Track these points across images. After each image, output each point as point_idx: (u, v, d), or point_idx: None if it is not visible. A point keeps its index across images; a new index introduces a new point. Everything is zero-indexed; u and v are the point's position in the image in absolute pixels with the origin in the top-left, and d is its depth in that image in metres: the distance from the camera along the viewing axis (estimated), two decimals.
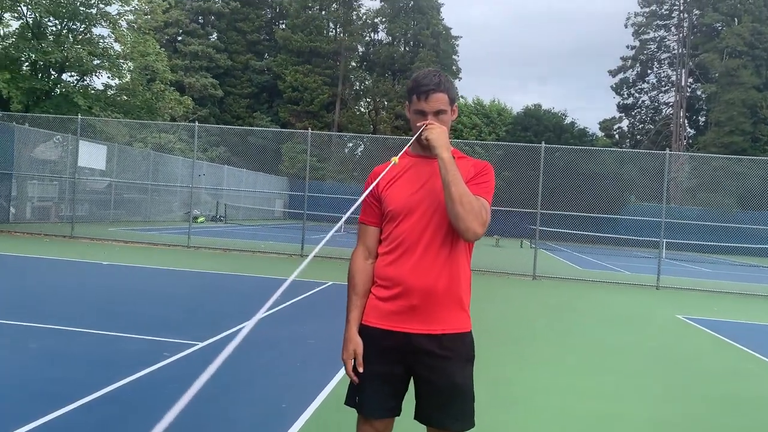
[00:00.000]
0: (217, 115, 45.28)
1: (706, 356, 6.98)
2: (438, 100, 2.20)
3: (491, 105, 44.85)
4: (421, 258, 2.15)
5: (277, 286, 1.43)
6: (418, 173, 2.25)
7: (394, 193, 2.22)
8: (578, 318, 9.11)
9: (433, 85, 2.19)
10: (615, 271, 18.14)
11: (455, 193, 2.04)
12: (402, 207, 2.20)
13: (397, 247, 2.19)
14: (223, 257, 13.87)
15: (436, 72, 2.26)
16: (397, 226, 2.20)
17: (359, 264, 2.28)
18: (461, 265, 2.21)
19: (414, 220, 2.18)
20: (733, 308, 11.45)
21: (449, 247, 2.17)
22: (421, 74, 2.26)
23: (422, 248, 2.15)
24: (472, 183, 2.18)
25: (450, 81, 2.28)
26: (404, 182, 2.24)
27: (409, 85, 2.29)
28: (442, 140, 2.12)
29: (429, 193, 2.19)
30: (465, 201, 2.04)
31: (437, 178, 2.14)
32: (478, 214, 2.06)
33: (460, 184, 2.06)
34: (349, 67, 50.03)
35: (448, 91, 2.23)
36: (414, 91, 2.23)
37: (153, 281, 9.72)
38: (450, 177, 2.06)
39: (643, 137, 52.05)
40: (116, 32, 22.18)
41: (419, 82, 2.21)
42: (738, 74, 43.03)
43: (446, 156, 2.10)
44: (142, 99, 23.92)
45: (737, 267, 24.33)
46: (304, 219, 15.57)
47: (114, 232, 18.45)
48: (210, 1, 47.24)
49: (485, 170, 2.27)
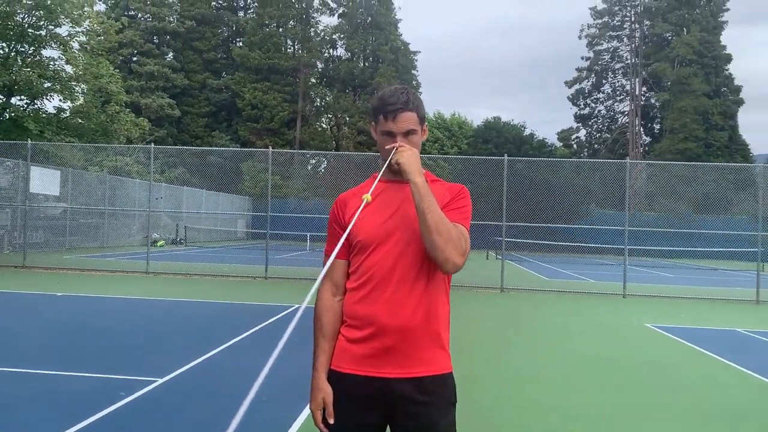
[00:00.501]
0: (175, 135, 44.52)
1: (680, 367, 6.92)
2: (407, 120, 2.01)
3: (452, 118, 45.19)
4: (394, 293, 1.94)
5: (241, 311, 1.20)
6: (389, 199, 2.05)
7: (363, 221, 2.01)
8: (549, 331, 9.00)
9: (401, 103, 2.00)
10: (580, 279, 18.22)
11: (431, 221, 1.84)
12: (372, 237, 1.99)
13: (368, 282, 1.97)
14: (184, 283, 13.44)
15: (403, 89, 2.07)
16: (367, 257, 1.99)
17: (326, 301, 2.06)
18: (439, 300, 2.01)
19: (386, 251, 1.97)
20: (700, 314, 11.52)
21: (425, 280, 1.97)
22: (388, 92, 2.06)
23: (396, 282, 1.95)
24: (449, 208, 2.00)
25: (419, 99, 2.09)
26: (374, 210, 2.04)
27: (374, 103, 2.09)
28: (414, 164, 1.93)
29: (401, 221, 1.99)
30: (442, 229, 1.85)
31: (410, 204, 1.94)
32: (457, 244, 1.87)
33: (436, 210, 1.87)
34: (309, 84, 49.81)
35: (417, 109, 2.05)
36: (380, 111, 2.03)
37: (109, 312, 9.29)
38: (425, 204, 1.86)
39: (600, 146, 52.99)
40: (67, 54, 21.61)
41: (386, 101, 2.02)
42: (689, 82, 44.22)
43: (419, 181, 1.90)
44: (96, 122, 23.31)
45: (697, 271, 24.76)
46: (267, 239, 15.23)
47: (69, 259, 17.82)
48: (165, 20, 46.61)
49: (461, 194, 2.09)
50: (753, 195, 30.69)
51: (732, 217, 30.29)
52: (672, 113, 44.97)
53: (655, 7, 48.77)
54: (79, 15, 22.27)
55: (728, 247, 26.66)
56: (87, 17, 22.81)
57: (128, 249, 24.58)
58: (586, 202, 31.31)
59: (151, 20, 46.35)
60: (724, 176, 27.88)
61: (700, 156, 42.28)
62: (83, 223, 25.57)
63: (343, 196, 2.18)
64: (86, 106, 23.37)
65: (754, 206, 30.66)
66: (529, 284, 15.49)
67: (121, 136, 24.80)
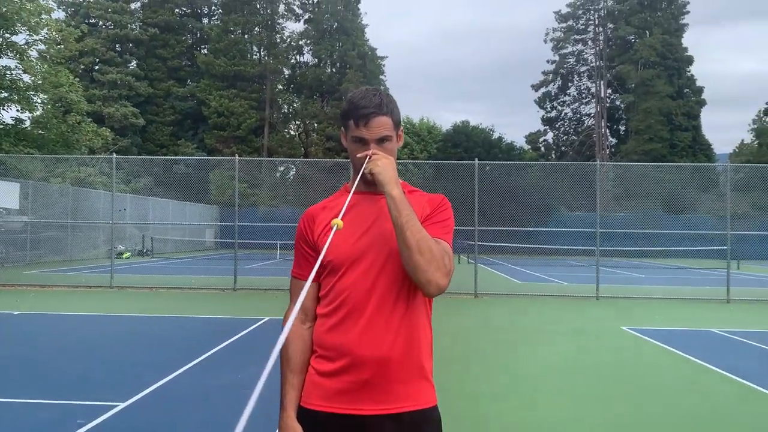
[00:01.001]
0: (140, 144, 43.70)
1: (660, 371, 6.82)
2: (381, 125, 1.80)
3: (421, 123, 45.21)
4: (371, 320, 1.73)
5: (209, 326, 0.97)
6: (362, 214, 1.84)
7: (334, 239, 1.79)
8: (525, 337, 8.85)
9: (373, 107, 1.79)
10: (553, 282, 18.20)
11: (411, 239, 1.63)
12: (344, 257, 1.78)
13: (341, 307, 1.76)
14: (150, 297, 13.01)
15: (376, 91, 1.86)
16: (339, 280, 1.78)
17: (293, 330, 1.83)
18: (420, 325, 1.80)
19: (360, 273, 1.76)
20: (674, 315, 11.52)
21: (405, 304, 1.76)
22: (359, 94, 1.85)
23: (372, 307, 1.73)
24: (429, 222, 1.80)
25: (393, 101, 1.88)
26: (346, 226, 1.81)
27: (344, 107, 1.87)
28: (390, 174, 1.72)
29: (377, 238, 1.78)
30: (424, 247, 1.64)
31: (386, 218, 1.74)
32: (441, 263, 1.66)
33: (416, 226, 1.66)
34: (276, 90, 49.38)
35: (391, 113, 1.84)
36: (351, 115, 1.82)
37: (69, 331, 8.88)
38: (403, 219, 1.65)
39: (567, 148, 53.55)
40: (24, 63, 20.97)
41: (357, 104, 1.81)
42: (653, 84, 44.95)
43: (396, 193, 1.69)
44: (56, 132, 22.68)
45: (667, 270, 25.01)
46: (235, 250, 14.86)
47: (30, 275, 17.20)
48: (127, 28, 45.76)
49: (442, 206, 1.89)
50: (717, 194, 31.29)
51: (697, 215, 30.77)
52: (637, 115, 45.66)
53: (618, 10, 49.52)
54: (36, 23, 21.67)
55: (695, 246, 27.02)
56: (45, 25, 22.21)
57: (93, 262, 23.93)
58: (557, 204, 31.52)
59: (113, 28, 45.46)
60: (691, 175, 28.32)
61: (665, 156, 43.00)
62: (46, 237, 24.78)
63: (311, 210, 1.95)
64: (46, 116, 22.74)
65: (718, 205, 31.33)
66: (502, 289, 15.40)
67: (82, 146, 24.15)
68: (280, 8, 50.07)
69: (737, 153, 48.43)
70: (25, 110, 21.77)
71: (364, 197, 1.87)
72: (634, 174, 30.08)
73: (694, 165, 31.71)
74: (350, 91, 1.93)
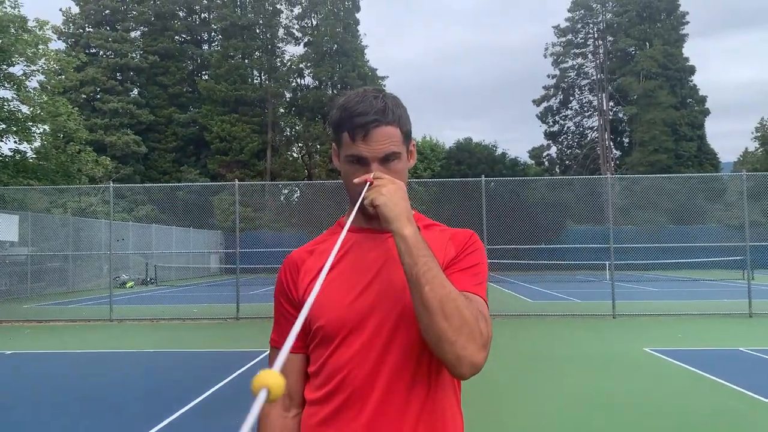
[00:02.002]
0: (143, 172, 43.46)
1: (692, 398, 6.31)
2: (386, 138, 1.35)
3: (423, 141, 44.87)
4: (379, 409, 1.28)
5: (210, 361, 0.63)
6: (364, 260, 1.39)
7: (325, 296, 1.34)
8: (545, 364, 8.35)
9: (375, 113, 1.34)
10: (565, 299, 17.67)
11: (432, 298, 1.18)
12: (340, 321, 1.33)
13: (337, 391, 1.32)
14: (150, 329, 12.55)
15: (377, 92, 1.40)
16: (333, 353, 1.34)
17: (274, 421, 1.38)
18: (447, 416, 1.34)
19: (362, 344, 1.31)
20: (696, 333, 11.00)
21: (425, 387, 1.31)
22: (355, 97, 1.39)
23: (380, 392, 1.29)
24: (456, 270, 1.35)
25: (401, 105, 1.43)
26: (340, 276, 1.38)
27: (335, 116, 1.41)
28: (399, 205, 1.27)
29: (384, 294, 1.34)
30: (450, 309, 1.18)
31: (396, 265, 1.29)
32: (474, 330, 1.19)
33: (438, 278, 1.20)
34: (278, 114, 49.23)
35: (400, 121, 1.39)
36: (344, 126, 1.37)
37: (60, 372, 8.41)
38: (420, 268, 1.20)
39: (572, 162, 53.12)
40: (21, 94, 20.74)
41: (352, 111, 1.36)
42: (655, 95, 44.61)
43: (409, 232, 1.24)
44: (56, 162, 22.39)
45: (679, 283, 24.42)
46: (237, 276, 14.42)
47: (29, 309, 16.77)
48: (127, 56, 45.76)
49: (471, 245, 1.42)
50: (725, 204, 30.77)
51: (708, 226, 30.23)
52: (641, 126, 45.27)
53: (617, 22, 49.37)
54: (33, 53, 21.48)
55: (708, 257, 26.45)
56: (43, 55, 22.03)
57: (96, 293, 23.48)
58: (566, 218, 31.04)
59: (113, 57, 45.46)
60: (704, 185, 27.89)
61: (671, 167, 42.53)
62: (47, 268, 24.40)
63: (295, 256, 1.50)
64: (45, 147, 22.49)
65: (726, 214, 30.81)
66: (513, 309, 14.87)
67: (83, 176, 23.84)
68: (280, 32, 50.14)
69: (741, 161, 47.90)
70: (23, 141, 21.48)
71: (366, 236, 1.43)
72: (644, 186, 29.62)
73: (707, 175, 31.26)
74: (343, 95, 1.47)
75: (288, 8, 50.52)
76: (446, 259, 1.38)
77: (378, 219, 1.30)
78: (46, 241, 24.05)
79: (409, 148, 1.45)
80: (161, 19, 49.31)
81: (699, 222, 30.18)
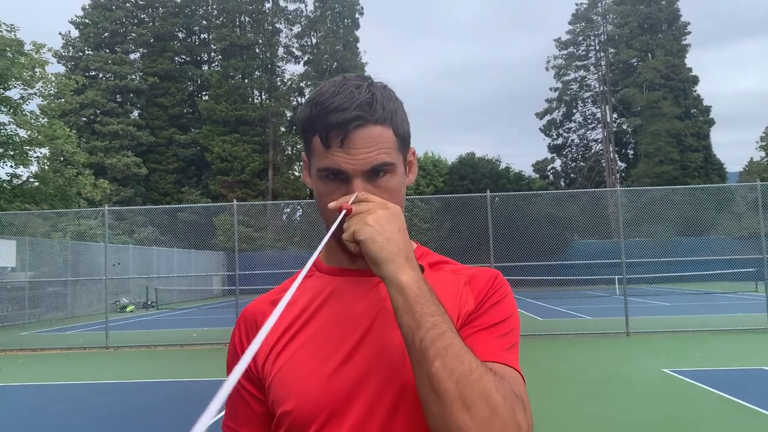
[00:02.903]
0: (143, 194, 43.22)
1: (719, 425, 5.83)
2: (372, 143, 0.96)
3: (425, 157, 44.56)
4: None
5: (207, 391, 0.64)
6: (346, 313, 1.00)
7: (294, 367, 0.96)
8: (558, 389, 7.87)
9: (357, 109, 0.94)
10: (576, 317, 17.18)
11: (445, 378, 0.80)
12: (315, 404, 0.93)
13: None
14: (147, 357, 12.09)
15: (360, 80, 1.00)
16: None
17: None
18: None
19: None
20: (716, 350, 10.50)
21: None
22: (329, 88, 0.99)
23: None
24: (479, 329, 0.96)
25: (393, 98, 1.03)
26: (315, 338, 0.98)
27: (304, 112, 1.00)
28: (393, 240, 0.88)
29: (377, 363, 0.94)
30: (472, 394, 0.79)
31: (391, 320, 0.89)
32: (509, 423, 0.80)
33: (454, 348, 0.81)
34: (279, 133, 49.03)
35: (392, 119, 0.99)
36: (316, 127, 0.97)
37: (48, 408, 7.96)
38: (426, 334, 0.82)
39: (576, 175, 52.68)
40: (17, 117, 20.50)
41: (326, 106, 0.96)
42: (659, 106, 44.29)
43: (408, 280, 0.85)
44: (54, 186, 22.09)
45: (691, 296, 23.86)
46: (237, 298, 13.99)
47: (25, 337, 16.34)
48: (127, 78, 45.68)
49: (496, 290, 1.02)
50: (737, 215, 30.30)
51: (716, 237, 29.74)
52: (646, 137, 44.88)
53: (618, 34, 49.18)
54: (30, 76, 21.27)
55: (719, 269, 25.90)
56: (40, 78, 21.82)
57: (96, 317, 23.00)
58: (574, 233, 30.60)
59: (113, 79, 45.39)
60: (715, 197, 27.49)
61: (677, 178, 42.06)
62: (45, 293, 23.97)
63: (253, 308, 1.10)
64: (42, 171, 22.23)
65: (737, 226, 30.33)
66: (524, 328, 14.34)
67: (81, 200, 23.52)
68: (280, 51, 50.13)
69: (747, 171, 47.51)
70: (20, 165, 21.20)
71: (350, 281, 1.04)
72: (651, 198, 29.16)
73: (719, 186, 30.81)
74: (317, 85, 1.05)
75: (287, 27, 50.58)
76: (463, 312, 0.98)
77: (363, 259, 0.89)
78: (45, 266, 23.69)
79: (407, 157, 1.05)
80: (160, 40, 49.32)
81: (709, 233, 29.70)
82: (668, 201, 28.74)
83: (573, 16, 52.71)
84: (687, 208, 27.48)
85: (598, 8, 51.52)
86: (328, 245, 0.99)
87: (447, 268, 1.08)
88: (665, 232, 30.38)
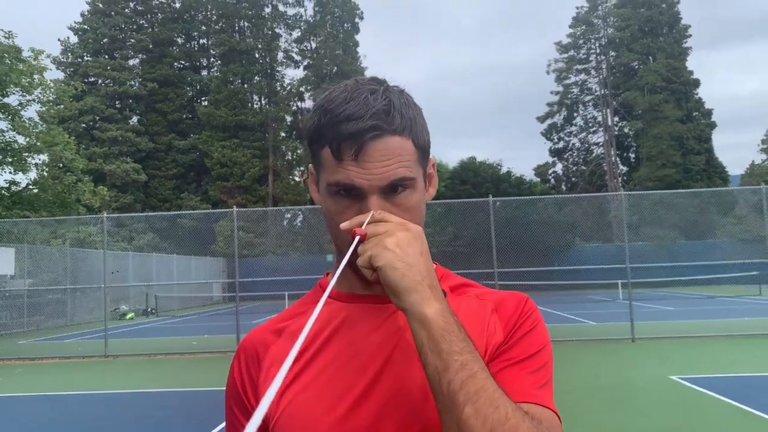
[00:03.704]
0: (143, 200, 43.10)
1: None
2: (390, 156, 0.84)
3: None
4: None
5: (206, 401, 0.64)
6: (359, 346, 0.87)
7: (301, 407, 0.84)
8: (567, 398, 7.71)
9: (373, 117, 0.82)
10: (580, 322, 17.04)
11: (477, 426, 0.67)
12: None
13: None
14: (146, 366, 11.94)
15: (376, 84, 0.88)
16: None
17: None
18: None
19: None
20: (725, 356, 10.34)
21: None
22: (341, 93, 0.86)
23: None
24: (510, 363, 0.84)
25: (413, 105, 0.91)
26: (324, 374, 0.86)
27: (310, 122, 0.88)
28: (415, 267, 0.74)
29: (394, 402, 0.82)
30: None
31: (411, 352, 0.79)
32: None
33: (487, 391, 0.69)
34: (279, 138, 48.96)
35: (412, 129, 0.87)
36: (326, 138, 0.85)
37: (43, 420, 7.81)
38: (455, 376, 0.69)
39: (578, 179, 52.55)
40: (15, 123, 20.40)
41: (337, 114, 0.83)
42: (661, 109, 44.21)
43: (433, 312, 0.72)
44: (53, 193, 21.97)
45: (695, 300, 23.70)
46: (237, 305, 13.84)
47: (24, 346, 16.20)
48: (126, 84, 45.64)
49: (526, 318, 0.90)
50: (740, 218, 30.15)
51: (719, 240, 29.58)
52: (647, 141, 44.79)
53: (619, 37, 49.13)
54: (29, 83, 21.17)
55: (722, 273, 25.72)
56: (39, 84, 21.72)
57: (95, 325, 22.85)
58: (577, 237, 30.45)
59: (112, 85, 45.36)
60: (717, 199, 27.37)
61: (680, 181, 41.93)
62: (45, 301, 23.82)
63: (254, 338, 0.96)
64: (41, 177, 22.12)
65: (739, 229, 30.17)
66: None
67: (80, 207, 23.41)
68: (279, 56, 50.10)
69: (749, 174, 47.37)
70: (18, 172, 21.10)
71: (364, 308, 0.90)
72: (655, 201, 29.02)
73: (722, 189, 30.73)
74: (325, 89, 0.92)
75: (287, 32, 50.56)
76: (491, 344, 0.85)
77: (381, 286, 0.77)
78: (44, 274, 23.55)
79: (427, 170, 0.95)
80: (159, 46, 49.30)
81: (713, 237, 29.56)
82: (671, 205, 28.62)
83: (574, 19, 52.71)
84: (690, 211, 27.37)
85: (599, 11, 51.52)
86: (336, 268, 0.86)
87: (471, 293, 0.95)
88: (668, 236, 30.25)
